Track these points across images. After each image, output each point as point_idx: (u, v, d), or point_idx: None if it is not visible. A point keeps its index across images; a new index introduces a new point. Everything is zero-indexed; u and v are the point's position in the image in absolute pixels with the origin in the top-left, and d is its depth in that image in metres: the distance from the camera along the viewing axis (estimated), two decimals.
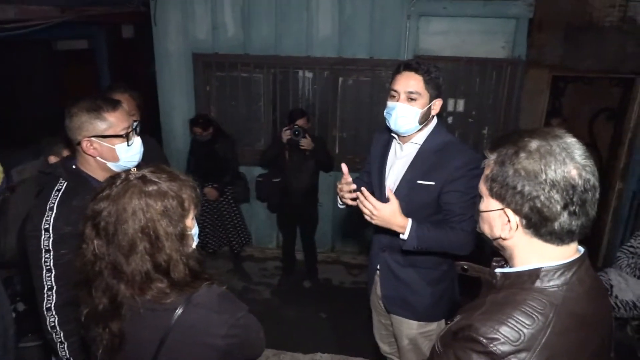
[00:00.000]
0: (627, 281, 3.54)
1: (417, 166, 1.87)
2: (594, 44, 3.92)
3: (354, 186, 1.87)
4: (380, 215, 1.70)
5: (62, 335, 1.52)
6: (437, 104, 1.84)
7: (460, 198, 1.77)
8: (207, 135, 3.85)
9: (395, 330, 2.13)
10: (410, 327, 2.04)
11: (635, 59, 3.90)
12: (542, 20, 3.99)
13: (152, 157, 1.83)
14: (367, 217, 1.75)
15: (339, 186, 1.91)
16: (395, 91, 1.82)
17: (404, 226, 1.73)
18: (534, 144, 0.94)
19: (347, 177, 1.88)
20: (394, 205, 1.71)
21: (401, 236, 1.75)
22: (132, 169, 1.15)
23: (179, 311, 1.10)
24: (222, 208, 4.09)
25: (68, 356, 1.55)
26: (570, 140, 0.95)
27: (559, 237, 0.95)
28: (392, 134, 1.96)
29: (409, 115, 1.80)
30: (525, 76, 3.99)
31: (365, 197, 1.71)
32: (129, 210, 1.06)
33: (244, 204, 4.40)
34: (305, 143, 3.55)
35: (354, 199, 1.86)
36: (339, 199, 1.99)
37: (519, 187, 0.94)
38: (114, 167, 1.62)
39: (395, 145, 2.00)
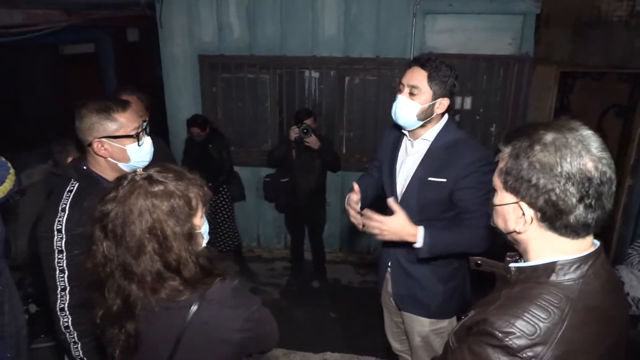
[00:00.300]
0: (638, 278, 3.51)
1: (428, 163, 1.86)
2: (603, 39, 3.87)
3: (357, 209, 1.88)
4: (389, 229, 1.69)
5: (75, 335, 1.53)
6: (443, 103, 1.81)
7: (473, 194, 1.75)
8: (203, 135, 3.87)
9: (406, 327, 2.12)
10: (421, 325, 2.03)
11: None
12: (549, 16, 3.95)
13: (161, 158, 1.83)
14: (378, 237, 1.73)
15: (347, 209, 1.92)
16: (402, 84, 1.84)
17: (416, 234, 1.70)
18: (549, 137, 0.93)
19: (354, 196, 1.89)
20: (400, 215, 1.68)
21: (415, 245, 1.72)
22: (138, 170, 1.15)
23: (194, 308, 1.09)
24: (217, 207, 4.11)
25: (82, 356, 1.55)
26: (587, 132, 0.93)
27: (575, 231, 0.94)
28: (403, 131, 1.96)
29: (407, 109, 1.80)
30: (532, 73, 3.96)
31: (369, 217, 1.70)
32: (135, 212, 1.05)
33: (247, 205, 4.40)
34: (311, 141, 3.55)
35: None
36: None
37: (533, 180, 0.93)
38: (125, 167, 1.62)
39: (406, 141, 1.99)
